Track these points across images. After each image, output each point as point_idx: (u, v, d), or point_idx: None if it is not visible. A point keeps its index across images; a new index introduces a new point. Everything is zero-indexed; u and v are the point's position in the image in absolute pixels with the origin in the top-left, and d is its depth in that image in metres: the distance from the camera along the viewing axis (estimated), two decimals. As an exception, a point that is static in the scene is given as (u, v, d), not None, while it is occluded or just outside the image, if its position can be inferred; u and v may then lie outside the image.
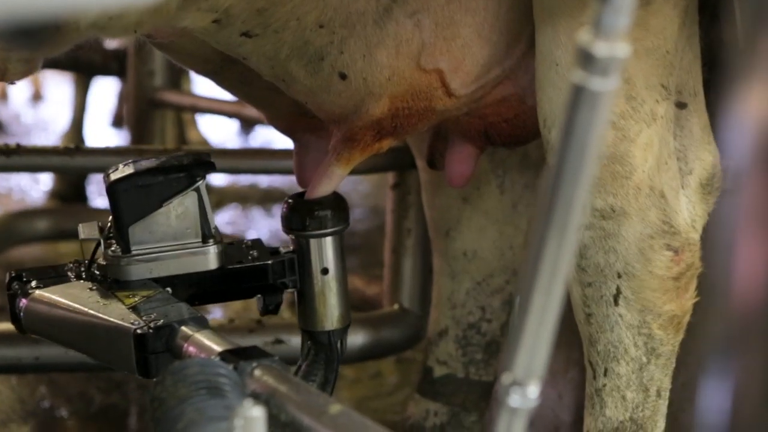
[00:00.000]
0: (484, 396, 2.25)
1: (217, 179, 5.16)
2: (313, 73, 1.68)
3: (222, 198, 4.90)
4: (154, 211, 1.65)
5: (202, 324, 1.49)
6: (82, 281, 1.65)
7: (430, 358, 2.23)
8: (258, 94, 1.85)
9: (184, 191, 1.66)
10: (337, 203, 1.76)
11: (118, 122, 6.62)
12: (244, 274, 1.71)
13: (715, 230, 1.59)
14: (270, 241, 4.54)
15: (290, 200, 1.76)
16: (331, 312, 1.76)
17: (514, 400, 0.86)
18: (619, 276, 1.68)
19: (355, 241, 4.33)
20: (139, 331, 1.49)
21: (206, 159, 1.68)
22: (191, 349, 1.45)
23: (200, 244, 1.67)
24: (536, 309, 0.84)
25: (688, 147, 1.74)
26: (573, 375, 2.24)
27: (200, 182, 1.66)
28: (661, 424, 1.75)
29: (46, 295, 1.61)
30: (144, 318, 1.52)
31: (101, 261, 1.66)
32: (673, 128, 1.70)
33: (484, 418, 2.26)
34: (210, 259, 1.68)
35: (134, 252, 1.64)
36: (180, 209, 1.66)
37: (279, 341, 2.28)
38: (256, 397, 1.27)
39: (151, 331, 1.49)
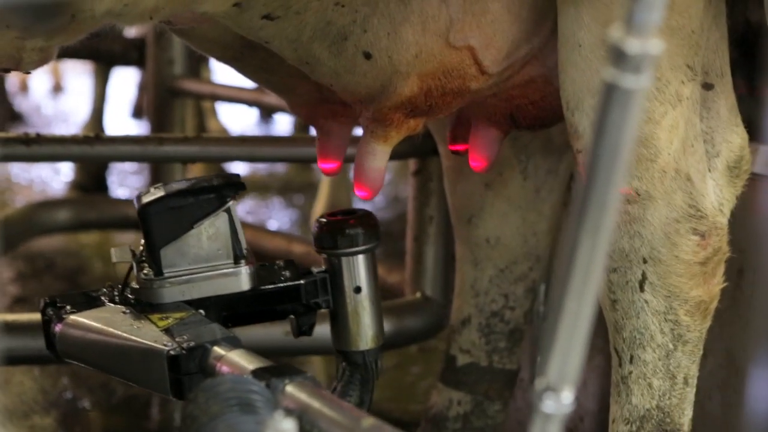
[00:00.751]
0: (507, 385, 2.23)
1: (237, 168, 5.16)
2: (337, 54, 1.66)
3: (242, 187, 4.89)
4: (186, 233, 1.65)
5: (234, 344, 1.49)
6: (115, 305, 1.65)
7: (453, 347, 2.22)
8: (279, 80, 1.84)
9: (214, 212, 1.66)
10: (368, 221, 1.75)
11: (138, 112, 6.63)
12: (277, 294, 1.71)
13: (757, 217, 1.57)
14: (291, 230, 4.53)
15: (322, 219, 1.76)
16: (364, 331, 1.75)
17: (548, 406, 0.86)
18: (645, 261, 1.66)
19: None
20: (172, 353, 1.49)
21: (236, 179, 1.68)
22: (224, 368, 1.45)
23: (232, 265, 1.67)
24: (569, 314, 0.84)
25: (715, 129, 1.71)
26: (598, 362, 2.22)
27: (230, 203, 1.66)
28: (689, 412, 1.72)
29: (80, 320, 1.62)
30: (177, 340, 1.52)
31: (134, 284, 1.67)
32: (700, 110, 1.67)
33: (507, 407, 2.24)
34: (242, 280, 1.68)
35: (166, 275, 1.65)
36: (211, 230, 1.66)
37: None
38: (289, 413, 1.27)
39: (184, 352, 1.49)
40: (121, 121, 6.45)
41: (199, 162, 3.26)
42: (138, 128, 6.28)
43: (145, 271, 1.66)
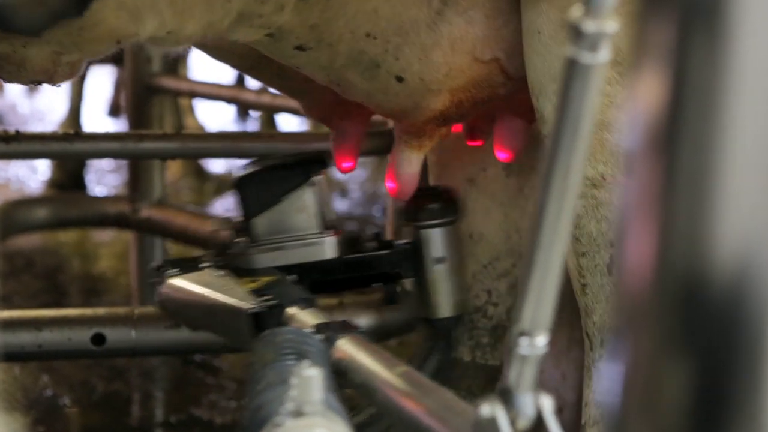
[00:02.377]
0: (490, 380, 2.24)
1: (217, 165, 5.15)
2: (370, 78, 1.72)
3: (221, 185, 4.89)
4: (276, 204, 1.80)
5: (310, 304, 1.61)
6: (213, 269, 1.80)
7: (435, 342, 2.23)
8: (294, 85, 1.90)
9: (302, 186, 1.81)
10: (449, 195, 1.89)
11: (114, 111, 6.61)
12: (361, 263, 1.84)
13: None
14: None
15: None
16: (445, 300, 1.87)
17: (524, 348, 0.93)
18: (612, 245, 1.68)
19: (354, 226, 4.32)
20: (253, 311, 1.61)
21: (322, 157, 1.85)
22: (294, 325, 1.56)
23: (318, 235, 1.82)
24: (540, 263, 0.90)
25: None
26: (576, 354, 2.24)
27: (317, 177, 1.82)
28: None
29: (180, 282, 1.78)
30: (260, 299, 1.64)
31: (231, 251, 1.82)
32: None
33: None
34: (327, 249, 1.82)
35: (259, 242, 1.80)
36: (299, 202, 1.81)
37: (282, 326, 2.27)
38: (338, 363, 1.40)
39: (264, 310, 1.61)
40: (98, 119, 6.42)
41: (179, 158, 3.25)
42: (115, 126, 6.26)
43: (240, 239, 1.81)
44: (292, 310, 1.60)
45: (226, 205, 4.62)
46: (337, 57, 1.68)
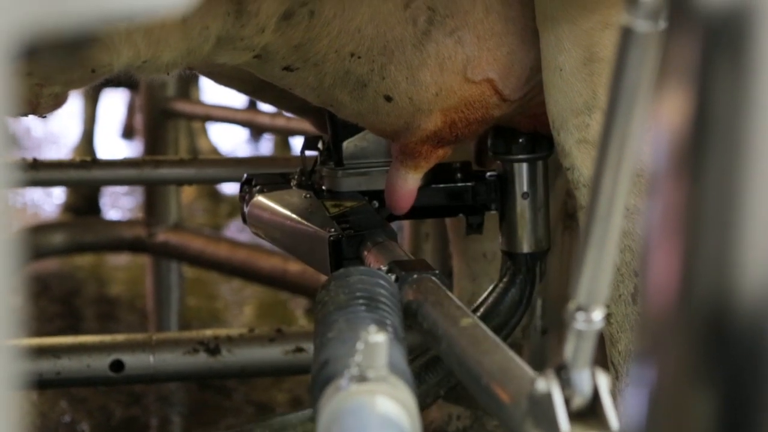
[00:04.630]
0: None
1: (230, 187, 5.15)
2: (359, 98, 1.72)
3: (235, 208, 4.89)
4: (365, 129, 1.79)
5: (389, 235, 1.62)
6: (299, 189, 1.83)
7: (453, 363, 2.22)
8: (298, 105, 1.91)
9: None
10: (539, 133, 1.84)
11: (128, 133, 6.62)
12: (448, 192, 1.83)
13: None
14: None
15: (498, 126, 1.83)
16: (529, 235, 1.83)
17: (580, 324, 0.93)
18: (636, 274, 1.67)
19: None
20: (333, 239, 1.63)
21: None
22: (371, 258, 1.58)
23: None
24: (596, 237, 0.90)
25: None
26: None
27: None
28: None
29: (266, 200, 1.81)
30: (341, 226, 1.66)
31: (320, 172, 1.83)
32: None
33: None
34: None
35: (346, 165, 1.80)
36: None
37: (300, 349, 2.27)
38: (409, 305, 1.40)
39: (343, 239, 1.63)
40: (111, 142, 6.44)
41: (196, 184, 3.26)
42: (128, 149, 6.27)
43: (329, 162, 1.82)
44: (371, 242, 1.60)
45: (241, 228, 4.62)
46: (325, 77, 1.69)
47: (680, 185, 0.66)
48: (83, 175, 2.32)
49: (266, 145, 6.38)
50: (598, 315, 0.93)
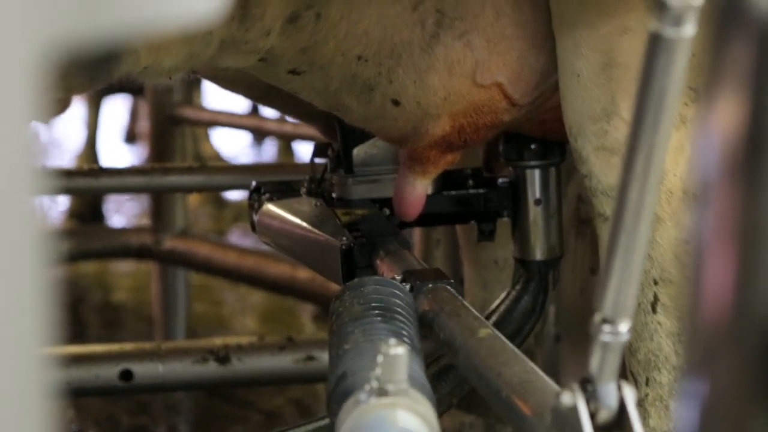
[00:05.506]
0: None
1: (235, 193, 5.14)
2: (366, 102, 1.70)
3: (239, 213, 4.88)
4: (375, 135, 1.77)
5: (401, 244, 1.61)
6: (309, 197, 1.81)
7: (464, 371, 2.20)
8: (305, 110, 1.88)
9: None
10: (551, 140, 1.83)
11: (130, 138, 6.62)
12: (459, 199, 1.82)
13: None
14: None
15: (509, 133, 1.82)
16: (542, 243, 1.81)
17: (606, 336, 0.92)
18: (656, 283, 1.66)
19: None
20: (344, 247, 1.62)
21: None
22: (383, 266, 1.57)
23: None
24: (622, 249, 0.90)
25: None
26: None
27: None
28: (708, 433, 1.71)
29: (276, 209, 1.79)
30: (353, 235, 1.64)
31: (330, 180, 1.81)
32: None
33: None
34: None
35: (356, 173, 1.78)
36: None
37: (310, 358, 2.25)
38: (424, 315, 1.39)
39: (355, 247, 1.61)
40: (115, 147, 6.43)
41: (204, 191, 3.25)
42: (131, 153, 6.27)
43: (338, 170, 1.80)
44: (383, 250, 1.59)
45: (248, 234, 4.61)
46: (331, 81, 1.67)
47: (736, 192, 0.64)
48: (91, 183, 2.31)
49: (269, 150, 6.37)
50: (624, 327, 0.93)
